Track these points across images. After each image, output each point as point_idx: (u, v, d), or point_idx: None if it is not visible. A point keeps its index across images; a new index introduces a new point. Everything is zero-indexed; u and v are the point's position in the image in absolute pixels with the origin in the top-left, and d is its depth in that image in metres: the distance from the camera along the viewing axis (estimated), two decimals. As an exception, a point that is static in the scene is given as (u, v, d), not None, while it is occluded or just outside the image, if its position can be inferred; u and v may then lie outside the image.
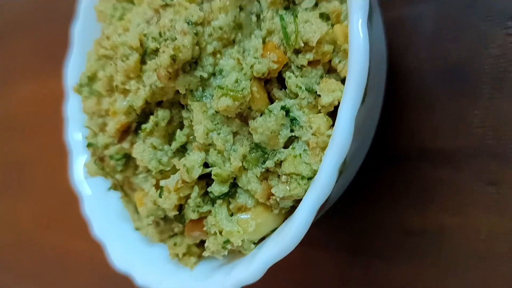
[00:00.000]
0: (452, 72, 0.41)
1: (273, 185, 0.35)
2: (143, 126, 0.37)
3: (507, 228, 0.38)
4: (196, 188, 0.36)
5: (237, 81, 0.33)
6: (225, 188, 0.36)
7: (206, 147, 0.36)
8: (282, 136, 0.34)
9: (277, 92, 0.35)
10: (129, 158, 0.40)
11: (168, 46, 0.33)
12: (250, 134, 0.35)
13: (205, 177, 0.37)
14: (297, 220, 0.32)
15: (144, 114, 0.38)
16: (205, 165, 0.36)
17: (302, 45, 0.33)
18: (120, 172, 0.41)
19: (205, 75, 0.35)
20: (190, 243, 0.41)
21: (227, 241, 0.36)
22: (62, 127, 0.53)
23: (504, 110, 0.39)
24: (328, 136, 0.32)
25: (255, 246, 0.37)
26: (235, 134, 0.35)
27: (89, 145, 0.42)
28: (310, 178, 0.33)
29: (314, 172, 0.33)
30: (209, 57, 0.35)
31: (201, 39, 0.34)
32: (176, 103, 0.38)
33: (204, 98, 0.35)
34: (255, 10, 0.36)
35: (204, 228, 0.37)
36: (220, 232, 0.36)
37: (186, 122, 0.37)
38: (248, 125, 0.35)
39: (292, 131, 0.34)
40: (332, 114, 0.34)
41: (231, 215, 0.37)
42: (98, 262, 0.51)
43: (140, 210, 0.39)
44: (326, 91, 0.33)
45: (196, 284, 0.39)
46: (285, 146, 0.35)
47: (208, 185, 0.37)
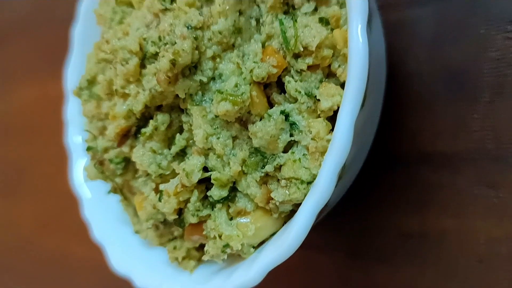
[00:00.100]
0: (452, 76, 0.41)
1: (273, 190, 0.35)
2: (143, 130, 0.37)
3: (507, 232, 0.38)
4: (196, 192, 0.36)
5: (237, 86, 0.33)
6: (225, 192, 0.36)
7: (206, 151, 0.36)
8: (282, 141, 0.34)
9: (277, 97, 0.35)
10: (129, 162, 0.40)
11: (168, 51, 0.33)
12: (250, 139, 0.35)
13: (205, 181, 0.37)
14: (297, 225, 0.32)
15: (144, 118, 0.38)
16: (205, 169, 0.36)
17: (302, 50, 0.33)
18: (120, 176, 0.41)
19: (205, 80, 0.35)
20: (190, 247, 0.41)
21: (227, 245, 0.36)
22: (62, 130, 0.53)
23: (504, 114, 0.39)
24: (328, 141, 0.32)
25: (255, 250, 0.37)
26: (235, 139, 0.35)
27: (89, 149, 0.42)
28: (310, 183, 0.33)
29: (314, 177, 0.33)
30: (209, 62, 0.35)
31: (201, 44, 0.34)
32: (176, 107, 0.37)
33: (204, 103, 0.35)
34: (255, 15, 0.36)
35: (204, 232, 0.37)
36: (220, 236, 0.36)
37: (186, 126, 0.37)
38: (248, 130, 0.35)
39: (292, 136, 0.34)
40: (332, 119, 0.34)
41: (231, 219, 0.37)
42: (98, 265, 0.51)
43: (140, 214, 0.39)
44: (326, 96, 0.33)
45: (196, 288, 0.39)
46: (285, 151, 0.35)
47: (208, 189, 0.37)
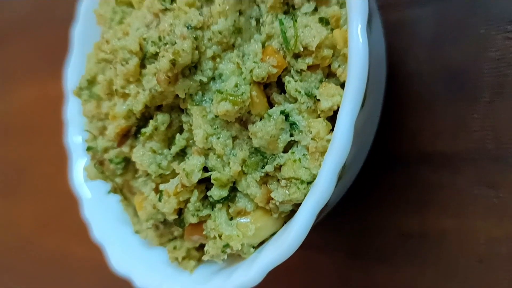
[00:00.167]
0: (452, 76, 0.41)
1: (273, 190, 0.35)
2: (143, 130, 0.37)
3: (507, 232, 0.38)
4: (196, 192, 0.36)
5: (237, 86, 0.33)
6: (225, 192, 0.36)
7: (206, 151, 0.36)
8: (282, 141, 0.34)
9: (277, 97, 0.35)
10: (129, 162, 0.40)
11: (168, 51, 0.33)
12: (250, 139, 0.35)
13: (205, 181, 0.37)
14: (297, 225, 0.32)
15: (144, 118, 0.38)
16: (205, 169, 0.36)
17: (302, 50, 0.33)
18: (120, 176, 0.41)
19: (205, 80, 0.35)
20: (190, 247, 0.41)
21: (227, 245, 0.36)
22: (62, 129, 0.53)
23: (504, 114, 0.39)
24: (328, 141, 0.32)
25: (255, 250, 0.37)
26: (235, 139, 0.35)
27: (89, 149, 0.42)
28: (310, 183, 0.33)
29: (314, 177, 0.33)
30: (209, 62, 0.35)
31: (201, 44, 0.34)
32: (176, 107, 0.37)
33: (204, 103, 0.35)
34: (255, 15, 0.36)
35: (204, 232, 0.37)
36: (220, 236, 0.36)
37: (186, 126, 0.37)
38: (248, 130, 0.34)
39: (292, 136, 0.34)
40: (332, 119, 0.34)
41: (231, 219, 0.37)
42: (98, 265, 0.51)
43: (140, 214, 0.39)
44: (326, 96, 0.33)
45: (196, 288, 0.39)
46: (285, 151, 0.35)
47: (208, 189, 0.37)
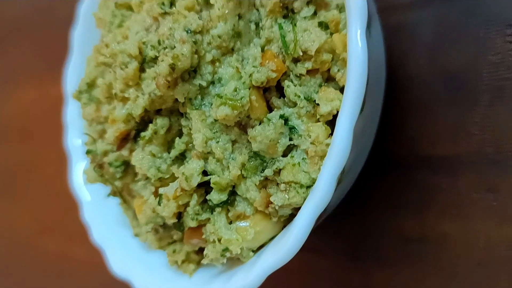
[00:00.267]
0: (451, 79, 0.41)
1: (272, 194, 0.35)
2: (142, 134, 0.37)
3: (506, 235, 0.38)
4: (195, 196, 0.36)
5: (236, 90, 0.33)
6: (224, 196, 0.36)
7: (205, 155, 0.36)
8: (281, 145, 0.34)
9: (276, 101, 0.35)
10: (128, 165, 0.40)
11: (167, 55, 0.33)
12: (249, 143, 0.35)
13: (204, 185, 0.37)
14: (296, 229, 0.32)
15: (143, 122, 0.38)
16: (204, 173, 0.36)
17: (301, 54, 0.33)
18: (119, 179, 0.41)
19: (204, 84, 0.35)
20: (189, 250, 0.41)
21: (226, 249, 0.36)
22: (62, 131, 0.53)
23: (503, 118, 0.39)
24: (327, 145, 0.32)
25: (254, 254, 0.37)
26: (234, 143, 0.35)
27: (88, 152, 0.42)
28: (309, 187, 0.33)
29: (313, 181, 0.33)
30: (208, 66, 0.35)
31: (200, 48, 0.34)
32: (175, 111, 0.37)
33: (203, 107, 0.35)
34: (254, 18, 0.36)
35: (203, 236, 0.37)
36: (219, 240, 0.36)
37: (185, 130, 0.37)
38: (247, 134, 0.34)
39: (291, 140, 0.34)
40: (331, 123, 0.34)
41: (230, 223, 0.37)
42: (98, 268, 0.51)
43: (139, 217, 0.39)
44: (325, 100, 0.33)
45: (195, 291, 0.39)
46: (284, 155, 0.35)
47: (207, 193, 0.37)
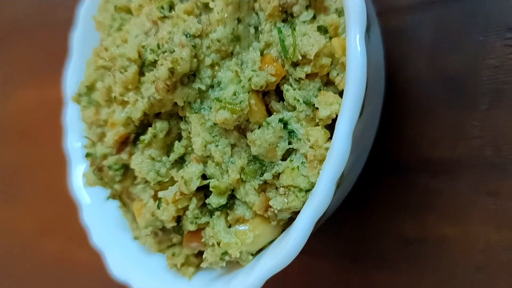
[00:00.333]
0: (451, 83, 0.41)
1: (271, 197, 0.35)
2: (142, 138, 0.37)
3: (505, 239, 0.38)
4: (194, 200, 0.36)
5: (235, 94, 0.33)
6: (223, 200, 0.36)
7: (204, 159, 0.36)
8: (280, 149, 0.34)
9: (275, 105, 0.35)
10: (128, 169, 0.40)
11: (166, 59, 0.33)
12: (248, 146, 0.35)
13: (203, 189, 0.37)
14: (295, 233, 0.32)
15: (143, 126, 0.38)
16: (203, 177, 0.36)
17: (300, 58, 0.33)
18: (119, 182, 0.41)
19: (203, 87, 0.35)
20: (189, 253, 0.41)
21: (225, 253, 0.36)
22: (62, 133, 0.53)
23: (503, 121, 0.39)
24: (326, 149, 0.32)
25: (253, 258, 0.37)
26: (233, 146, 0.35)
27: (88, 155, 0.42)
28: (308, 191, 0.33)
29: (312, 185, 0.33)
30: (207, 69, 0.35)
31: (199, 52, 0.34)
32: (175, 115, 0.37)
33: (202, 110, 0.35)
34: (253, 22, 0.36)
35: (202, 240, 0.37)
36: (218, 244, 0.36)
37: (184, 134, 0.37)
38: (246, 137, 0.34)
39: (290, 144, 0.34)
40: (330, 127, 0.33)
41: (229, 227, 0.37)
42: (97, 270, 0.51)
43: (139, 221, 0.39)
44: (324, 104, 0.33)
45: (194, 294, 0.39)
46: (283, 159, 0.35)
47: (206, 197, 0.37)
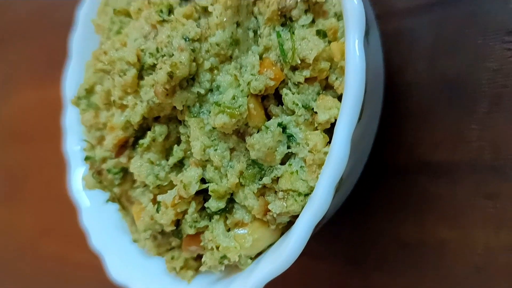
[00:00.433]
0: (450, 86, 0.41)
1: (270, 201, 0.35)
2: (141, 141, 0.37)
3: (504, 242, 0.38)
4: (193, 204, 0.36)
5: (234, 98, 0.33)
6: (222, 204, 0.36)
7: (203, 163, 0.36)
8: (279, 153, 0.34)
9: (274, 109, 0.35)
10: (127, 172, 0.40)
11: (165, 63, 0.33)
12: (247, 151, 0.35)
13: (202, 193, 0.37)
14: (294, 237, 0.32)
15: (142, 129, 0.38)
16: (202, 181, 0.36)
17: (299, 62, 0.33)
18: (118, 186, 0.41)
19: (202, 91, 0.35)
20: (188, 257, 0.41)
21: (224, 256, 0.36)
22: (61, 134, 0.53)
23: (502, 124, 0.39)
24: (325, 153, 0.32)
25: (252, 261, 0.37)
26: (232, 150, 0.35)
27: (87, 158, 0.42)
28: (307, 195, 0.33)
29: (311, 189, 0.33)
30: (206, 73, 0.35)
31: (198, 55, 0.34)
32: (174, 119, 0.37)
33: (201, 114, 0.35)
34: (252, 26, 0.36)
35: (201, 243, 0.37)
36: (217, 247, 0.36)
37: (183, 138, 0.37)
38: (245, 142, 0.34)
39: (289, 148, 0.34)
40: (329, 131, 0.34)
41: (228, 231, 0.37)
42: (97, 273, 0.51)
43: (138, 224, 0.39)
44: (323, 108, 0.33)
45: (193, 298, 0.39)
46: (282, 163, 0.35)
47: (205, 200, 0.37)
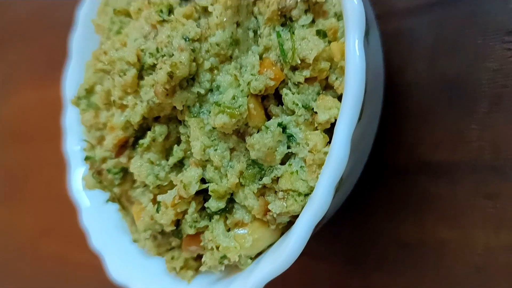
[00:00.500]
0: (450, 86, 0.41)
1: (270, 201, 0.35)
2: (141, 141, 0.37)
3: (504, 242, 0.38)
4: (193, 204, 0.36)
5: (234, 98, 0.33)
6: (222, 204, 0.36)
7: (203, 163, 0.36)
8: (279, 153, 0.34)
9: (274, 109, 0.35)
10: (127, 172, 0.40)
11: (165, 63, 0.33)
12: (247, 151, 0.35)
13: (202, 192, 0.37)
14: (294, 237, 0.32)
15: (142, 129, 0.38)
16: (202, 181, 0.36)
17: (299, 62, 0.33)
18: (118, 186, 0.41)
19: (202, 91, 0.35)
20: (188, 257, 0.41)
21: (224, 256, 0.36)
22: (62, 134, 0.53)
23: (502, 125, 0.39)
24: (325, 153, 0.32)
25: (252, 261, 0.37)
26: (232, 150, 0.35)
27: (87, 158, 0.42)
28: (307, 195, 0.33)
29: (311, 189, 0.33)
30: (206, 73, 0.35)
31: (198, 55, 0.34)
32: (174, 118, 0.37)
33: (201, 114, 0.35)
34: (252, 26, 0.36)
35: (201, 243, 0.37)
36: (217, 248, 0.36)
37: (183, 138, 0.37)
38: (245, 142, 0.34)
39: (289, 148, 0.34)
40: (329, 131, 0.33)
41: (228, 231, 0.37)
42: (97, 273, 0.51)
43: (138, 224, 0.39)
44: (323, 108, 0.33)
45: (193, 298, 0.39)
46: (282, 163, 0.35)
47: (205, 200, 0.37)
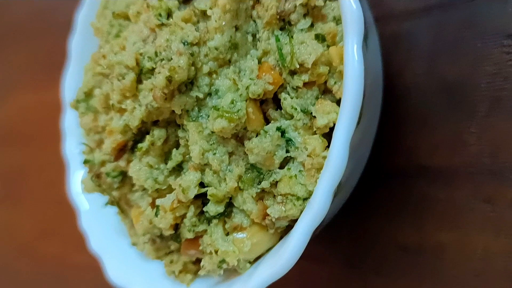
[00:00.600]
0: (449, 89, 0.41)
1: (269, 206, 0.35)
2: (139, 145, 0.37)
3: (503, 246, 0.38)
4: (192, 208, 0.36)
5: (233, 102, 0.33)
6: (221, 208, 0.36)
7: (202, 167, 0.36)
8: (278, 157, 0.34)
9: (273, 113, 0.35)
10: (126, 176, 0.40)
11: (164, 67, 0.33)
12: (246, 155, 0.35)
13: (201, 197, 0.36)
14: (293, 241, 0.32)
15: (140, 133, 0.38)
16: (201, 185, 0.36)
17: (298, 66, 0.33)
18: (117, 189, 0.41)
19: (201, 96, 0.35)
20: (186, 261, 0.41)
21: (223, 261, 0.36)
22: (60, 137, 0.53)
23: (500, 128, 0.39)
24: (324, 158, 0.32)
25: (251, 265, 0.37)
26: (231, 155, 0.35)
27: (86, 162, 0.42)
28: (306, 199, 0.33)
29: (310, 193, 0.33)
30: (205, 77, 0.35)
31: (197, 60, 0.34)
32: (172, 122, 0.37)
33: (200, 118, 0.35)
34: (251, 30, 0.36)
35: (200, 247, 0.37)
36: (216, 252, 0.36)
37: (182, 142, 0.37)
38: (244, 146, 0.34)
39: (288, 152, 0.34)
40: (328, 135, 0.33)
41: (227, 235, 0.37)
42: (95, 276, 0.51)
43: (136, 228, 0.39)
44: (322, 113, 0.33)
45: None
46: (281, 167, 0.35)
47: (204, 204, 0.37)
